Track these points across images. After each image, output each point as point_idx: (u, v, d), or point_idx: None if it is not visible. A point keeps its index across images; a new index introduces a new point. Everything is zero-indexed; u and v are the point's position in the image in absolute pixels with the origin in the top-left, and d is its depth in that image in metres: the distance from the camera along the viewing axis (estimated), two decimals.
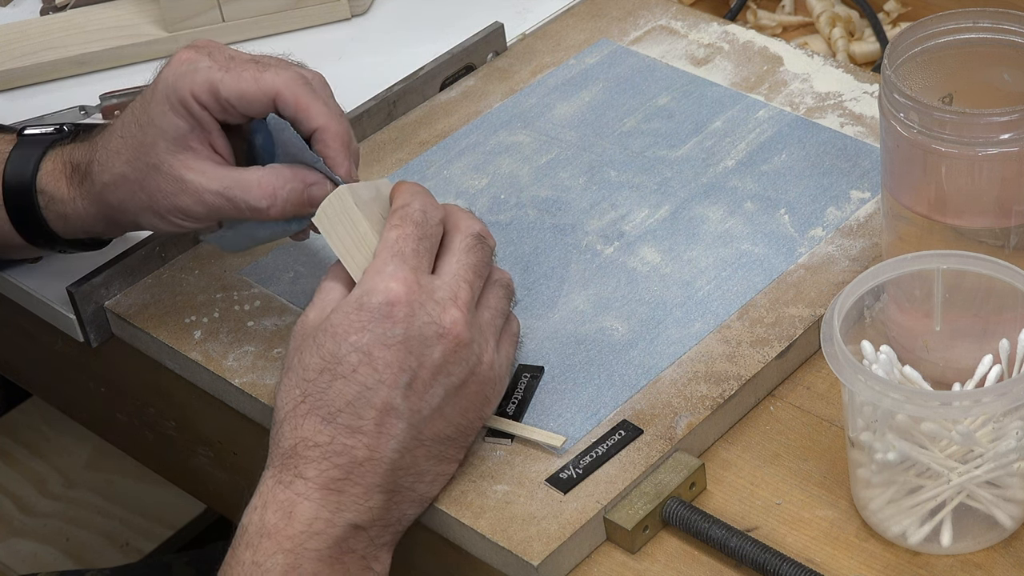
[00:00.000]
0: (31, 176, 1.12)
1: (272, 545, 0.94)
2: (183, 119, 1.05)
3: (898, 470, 0.96)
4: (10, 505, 1.77)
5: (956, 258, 0.99)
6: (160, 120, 1.05)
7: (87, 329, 1.19)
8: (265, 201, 1.04)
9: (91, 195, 1.10)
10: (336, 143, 1.04)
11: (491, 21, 1.36)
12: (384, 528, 0.97)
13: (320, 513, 0.95)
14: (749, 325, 1.10)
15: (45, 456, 1.81)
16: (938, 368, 1.01)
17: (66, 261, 1.23)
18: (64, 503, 1.77)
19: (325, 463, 0.95)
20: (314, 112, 1.04)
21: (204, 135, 1.06)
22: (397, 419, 0.96)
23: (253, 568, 0.93)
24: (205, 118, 1.05)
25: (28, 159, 1.13)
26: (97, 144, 1.10)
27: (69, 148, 1.13)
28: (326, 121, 1.04)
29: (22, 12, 1.51)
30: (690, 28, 1.36)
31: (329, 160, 1.04)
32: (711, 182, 1.21)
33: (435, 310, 0.97)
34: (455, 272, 0.99)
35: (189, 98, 1.04)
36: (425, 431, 0.98)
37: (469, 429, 1.00)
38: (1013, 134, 0.98)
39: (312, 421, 0.95)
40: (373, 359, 0.95)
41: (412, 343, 0.96)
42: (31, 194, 1.12)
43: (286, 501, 0.94)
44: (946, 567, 0.97)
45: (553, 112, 1.29)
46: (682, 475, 1.01)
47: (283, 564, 0.93)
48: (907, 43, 1.03)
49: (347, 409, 0.95)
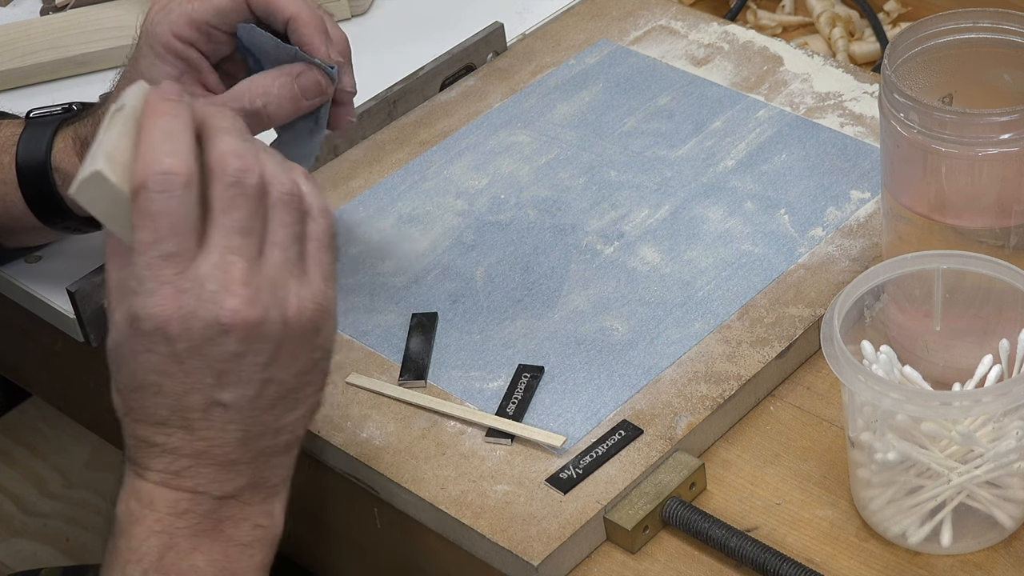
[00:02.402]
0: (45, 154, 1.13)
1: (143, 530, 0.92)
2: (170, 65, 1.06)
3: (898, 470, 0.96)
4: (10, 505, 1.77)
5: (956, 258, 0.99)
6: (149, 71, 1.06)
7: (87, 329, 1.19)
8: (260, 100, 1.04)
9: None
10: (309, 28, 1.05)
11: (491, 21, 1.36)
12: (256, 488, 0.94)
13: (180, 496, 0.92)
14: (749, 325, 1.10)
15: (45, 456, 1.81)
16: (938, 368, 1.02)
17: (66, 261, 1.23)
18: (64, 503, 1.77)
19: (168, 456, 0.92)
20: (283, 1, 1.05)
21: (195, 75, 1.07)
22: (223, 410, 0.91)
23: (130, 553, 0.92)
24: (192, 56, 1.06)
25: (40, 139, 1.14)
26: (99, 116, 1.11)
27: (76, 125, 1.14)
28: (297, 9, 1.05)
29: (22, 12, 1.51)
30: (690, 28, 1.36)
31: (306, 47, 1.05)
32: (711, 182, 1.21)
33: (211, 309, 0.88)
34: (218, 245, 0.88)
35: (172, 40, 1.06)
36: (261, 403, 0.92)
37: (313, 369, 0.94)
38: (1013, 134, 0.98)
39: (144, 428, 0.92)
40: (172, 375, 0.90)
41: (202, 347, 0.89)
42: (47, 172, 1.13)
43: (143, 491, 0.92)
44: (946, 567, 0.97)
45: (553, 112, 1.29)
46: (682, 475, 1.01)
47: (158, 545, 0.92)
48: (907, 43, 1.03)
49: (171, 417, 0.91)
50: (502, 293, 1.14)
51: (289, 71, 1.05)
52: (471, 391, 1.08)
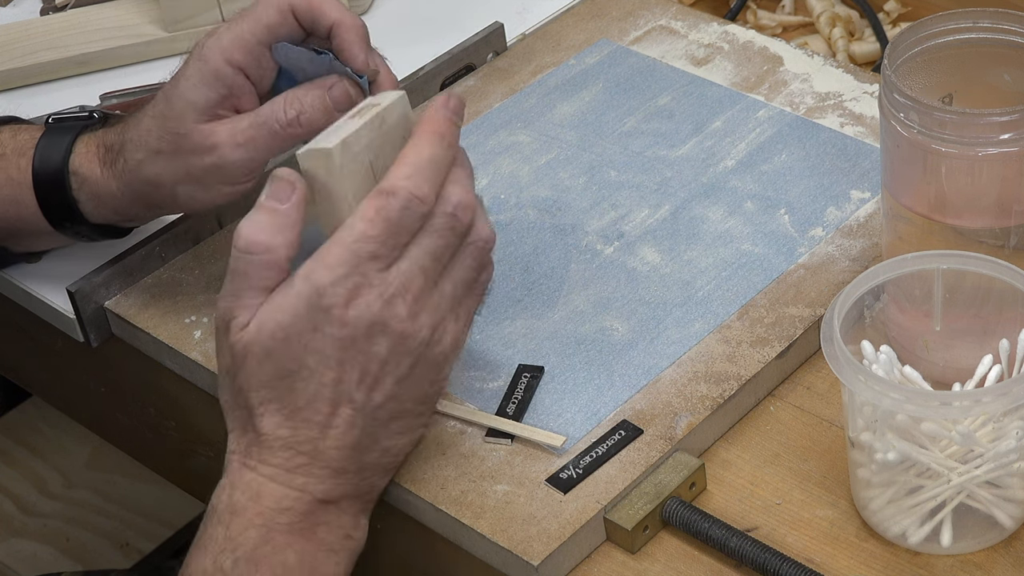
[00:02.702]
0: (63, 158, 1.14)
1: (243, 522, 0.96)
2: (214, 90, 1.07)
3: (898, 470, 0.96)
4: (10, 505, 1.77)
5: (956, 258, 0.99)
6: (191, 93, 1.08)
7: (87, 329, 1.19)
8: (293, 110, 1.06)
9: (125, 174, 1.12)
10: (351, 34, 1.07)
11: (491, 21, 1.36)
12: (354, 500, 0.99)
13: (287, 492, 0.97)
14: (749, 325, 1.10)
15: (45, 456, 1.81)
16: (938, 368, 1.01)
17: (66, 261, 1.23)
18: (64, 503, 1.77)
19: (289, 451, 0.97)
20: (327, 7, 1.07)
21: (234, 101, 1.09)
22: (353, 411, 0.97)
23: (227, 542, 0.96)
24: (239, 82, 1.08)
25: (59, 143, 1.14)
26: (128, 125, 1.12)
27: (101, 132, 1.15)
28: (340, 15, 1.07)
29: (22, 12, 1.51)
30: (690, 28, 1.36)
31: (345, 53, 1.07)
32: (711, 182, 1.21)
33: (381, 309, 0.96)
34: (412, 260, 0.97)
35: (223, 66, 1.07)
36: (381, 415, 0.98)
37: (428, 399, 1.00)
38: (1013, 134, 0.98)
39: (273, 419, 0.97)
40: (325, 358, 0.96)
41: (359, 342, 0.96)
42: (63, 176, 1.14)
43: (252, 482, 0.97)
44: (946, 567, 0.97)
45: (553, 112, 1.29)
46: (682, 475, 1.01)
47: (255, 538, 0.96)
48: (907, 43, 1.03)
49: (306, 407, 0.97)
50: (502, 293, 1.14)
51: (321, 84, 1.07)
52: (471, 391, 1.08)
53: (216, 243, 1.22)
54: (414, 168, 0.97)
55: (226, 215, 1.23)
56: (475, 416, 1.06)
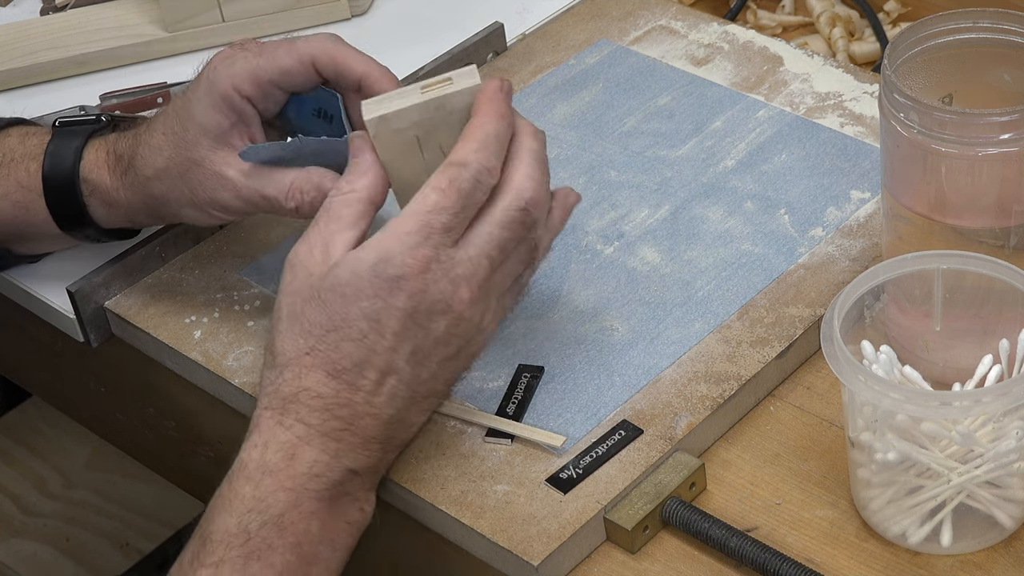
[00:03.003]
0: (73, 164, 1.14)
1: (274, 483, 0.96)
2: (225, 116, 1.08)
3: (898, 470, 0.96)
4: (10, 505, 1.77)
5: (956, 258, 0.99)
6: (202, 117, 1.08)
7: (87, 329, 1.19)
8: (293, 203, 1.07)
9: (135, 186, 1.12)
10: (382, 84, 1.07)
11: (491, 21, 1.36)
12: (374, 474, 1.00)
13: (320, 457, 0.97)
14: (749, 325, 1.10)
15: (45, 456, 1.81)
16: (938, 368, 1.01)
17: (66, 261, 1.23)
18: (64, 503, 1.77)
19: (327, 413, 0.97)
20: (352, 61, 1.07)
21: (245, 130, 1.09)
22: (398, 382, 0.98)
23: (255, 502, 0.96)
24: (247, 111, 1.08)
25: (69, 148, 1.15)
26: (140, 138, 1.12)
27: (112, 138, 1.15)
28: (367, 68, 1.07)
29: (22, 12, 1.51)
30: (690, 28, 1.36)
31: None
32: (711, 182, 1.21)
33: (448, 288, 0.98)
34: (481, 247, 0.99)
35: (231, 92, 1.07)
36: (421, 391, 1.00)
37: (454, 382, 1.03)
38: (1013, 134, 0.98)
39: (317, 374, 0.98)
40: (382, 327, 0.97)
41: (420, 316, 0.98)
42: (74, 182, 1.14)
43: (287, 443, 0.97)
44: (946, 567, 0.97)
45: (553, 112, 1.29)
46: (682, 475, 1.01)
47: (284, 501, 0.96)
48: (907, 43, 1.03)
49: (352, 369, 0.98)
50: None
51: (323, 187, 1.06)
52: (471, 391, 1.08)
53: (216, 243, 1.22)
54: (481, 143, 0.99)
55: None
56: (475, 416, 1.06)
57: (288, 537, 0.95)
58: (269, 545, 0.95)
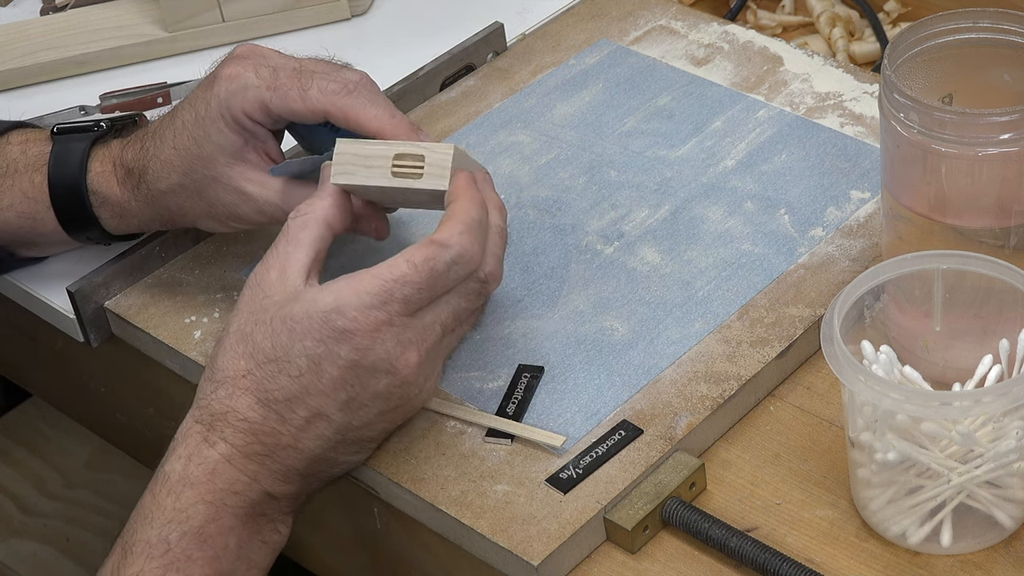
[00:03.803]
0: (79, 175, 1.14)
1: (194, 495, 0.97)
2: (238, 135, 1.09)
3: (898, 470, 0.96)
4: (10, 505, 1.77)
5: (956, 258, 0.99)
6: (217, 137, 1.09)
7: (87, 329, 1.19)
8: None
9: (148, 199, 1.13)
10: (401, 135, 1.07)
11: (491, 21, 1.36)
12: (293, 500, 1.01)
13: (240, 477, 0.98)
14: (749, 325, 1.10)
15: (45, 456, 1.80)
16: (938, 368, 1.01)
17: (66, 261, 1.23)
18: (64, 503, 1.77)
19: (251, 437, 0.98)
20: (364, 120, 1.07)
21: (260, 145, 1.11)
22: (327, 425, 0.99)
23: (175, 513, 0.97)
24: (259, 131, 1.10)
25: (73, 158, 1.15)
26: (148, 151, 1.12)
27: (117, 148, 1.15)
28: (379, 126, 1.07)
29: (22, 12, 1.51)
30: (690, 28, 1.36)
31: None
32: (711, 182, 1.21)
33: (395, 350, 0.99)
34: (437, 315, 1.00)
35: (243, 116, 1.09)
36: (350, 436, 1.01)
37: (385, 432, 1.03)
38: (1013, 134, 0.98)
39: (248, 399, 0.98)
40: (320, 371, 0.98)
41: (361, 371, 0.99)
42: (81, 194, 1.14)
43: (209, 459, 0.98)
44: (946, 567, 0.97)
45: (553, 112, 1.29)
46: (682, 475, 1.01)
47: (205, 513, 0.97)
48: (907, 43, 1.03)
49: (283, 402, 0.98)
50: (502, 293, 1.14)
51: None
52: (471, 391, 1.08)
53: (216, 243, 1.22)
54: (466, 227, 1.00)
55: None
56: (475, 416, 1.06)
57: (207, 550, 0.96)
58: (188, 557, 0.96)
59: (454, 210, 1.01)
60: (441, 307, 1.00)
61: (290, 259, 1.00)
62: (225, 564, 0.97)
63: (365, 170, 1.03)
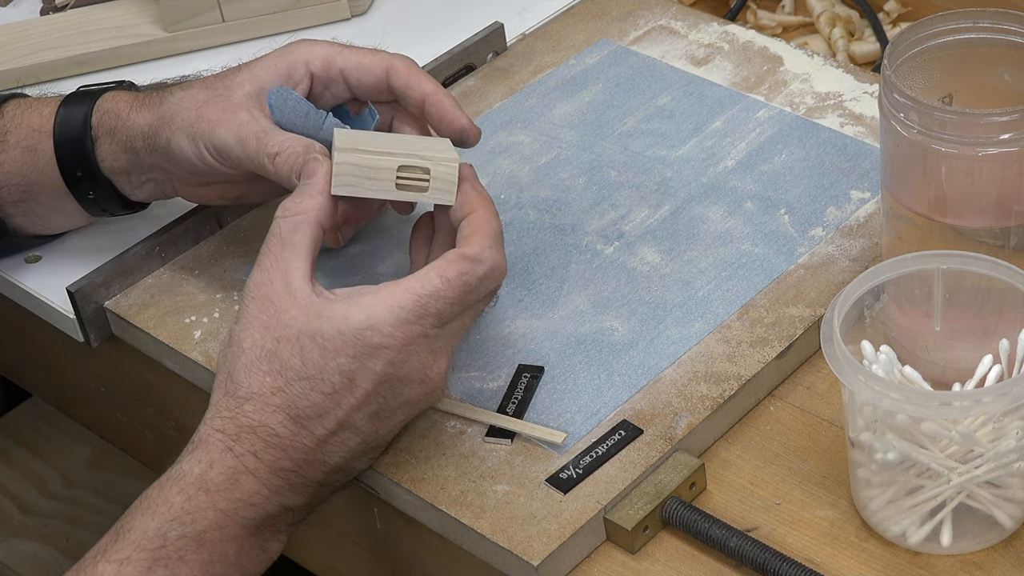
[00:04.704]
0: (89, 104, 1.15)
1: (207, 500, 0.97)
2: (279, 80, 1.10)
3: (898, 470, 0.96)
4: (10, 505, 1.77)
5: (956, 258, 0.99)
6: (260, 71, 1.11)
7: (87, 329, 1.19)
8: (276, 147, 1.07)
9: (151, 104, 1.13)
10: (448, 100, 1.10)
11: (491, 21, 1.36)
12: (304, 511, 1.01)
13: (261, 490, 0.98)
14: (749, 325, 1.10)
15: (45, 456, 1.80)
16: (938, 368, 1.01)
17: (66, 261, 1.23)
18: (64, 503, 1.77)
19: (281, 453, 0.98)
20: (424, 79, 1.10)
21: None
22: (355, 435, 1.00)
23: (182, 513, 0.97)
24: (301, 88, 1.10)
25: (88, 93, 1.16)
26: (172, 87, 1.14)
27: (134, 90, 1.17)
28: (434, 88, 1.10)
29: (22, 12, 1.51)
30: (690, 28, 1.36)
31: (448, 115, 1.10)
32: (711, 182, 1.21)
33: (428, 359, 1.00)
34: (463, 322, 1.01)
35: (300, 63, 1.10)
36: (374, 443, 1.01)
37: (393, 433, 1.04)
38: (1013, 134, 0.98)
39: (280, 416, 0.98)
40: (354, 386, 0.98)
41: (395, 382, 0.99)
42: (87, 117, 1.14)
43: (233, 469, 0.98)
44: (946, 567, 0.97)
45: (553, 112, 1.29)
46: (682, 475, 1.01)
47: (211, 520, 0.97)
48: (907, 43, 1.03)
49: (315, 418, 0.98)
50: (502, 293, 1.14)
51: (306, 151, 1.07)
52: (471, 391, 1.08)
53: (216, 243, 1.22)
54: (492, 240, 1.01)
55: (225, 216, 1.23)
56: (475, 415, 1.06)
57: (203, 554, 0.96)
58: (181, 557, 0.96)
59: (477, 223, 1.02)
60: (467, 314, 1.01)
61: (291, 267, 1.00)
62: (219, 569, 0.97)
63: (368, 182, 1.03)
